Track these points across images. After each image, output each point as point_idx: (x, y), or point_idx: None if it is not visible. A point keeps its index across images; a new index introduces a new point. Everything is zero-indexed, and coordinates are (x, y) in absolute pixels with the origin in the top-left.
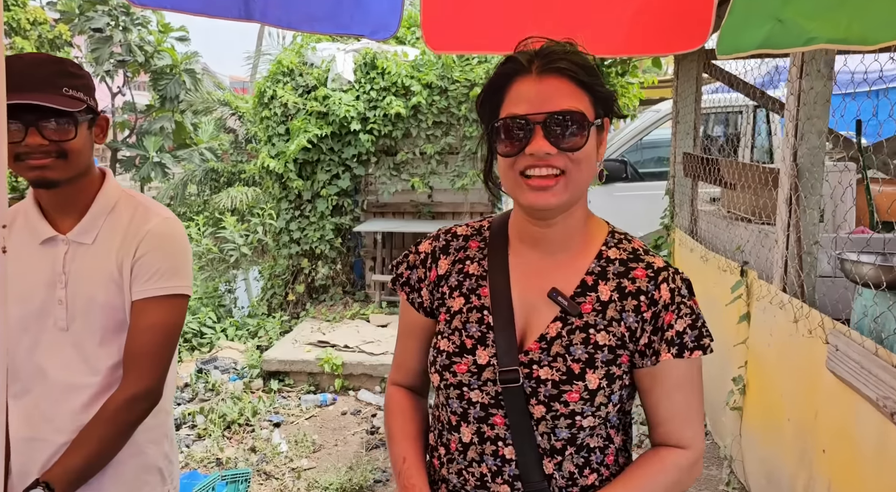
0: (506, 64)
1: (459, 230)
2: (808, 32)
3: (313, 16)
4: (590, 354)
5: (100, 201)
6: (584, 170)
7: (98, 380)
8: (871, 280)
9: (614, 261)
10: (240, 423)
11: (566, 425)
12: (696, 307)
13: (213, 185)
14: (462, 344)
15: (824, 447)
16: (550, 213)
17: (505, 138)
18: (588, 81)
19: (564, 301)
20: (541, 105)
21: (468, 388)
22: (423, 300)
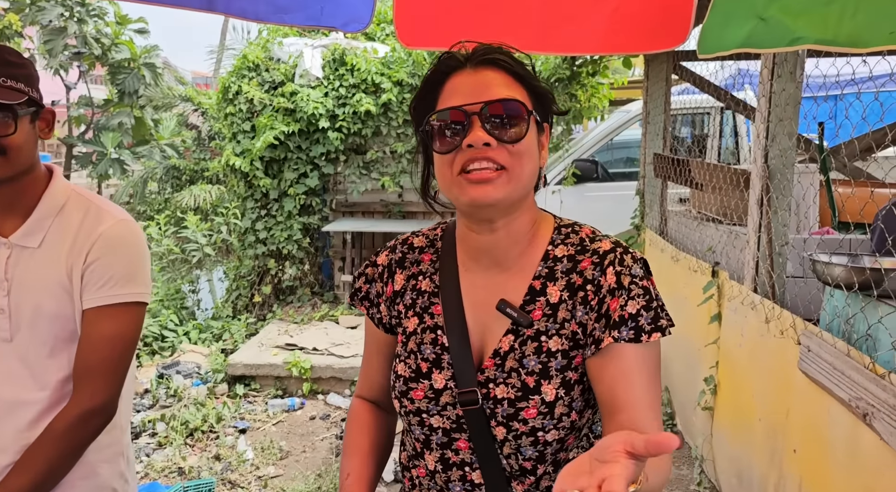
0: (441, 61)
1: (416, 242)
2: (793, 32)
3: (282, 7)
4: (543, 364)
5: (46, 202)
6: (525, 165)
7: (46, 395)
8: (842, 281)
9: (562, 259)
10: (203, 430)
11: (530, 443)
12: (652, 287)
13: (174, 183)
14: (418, 368)
15: (795, 447)
16: (492, 211)
17: (441, 134)
18: (524, 74)
19: (513, 312)
20: (477, 95)
21: (427, 414)
22: (383, 316)
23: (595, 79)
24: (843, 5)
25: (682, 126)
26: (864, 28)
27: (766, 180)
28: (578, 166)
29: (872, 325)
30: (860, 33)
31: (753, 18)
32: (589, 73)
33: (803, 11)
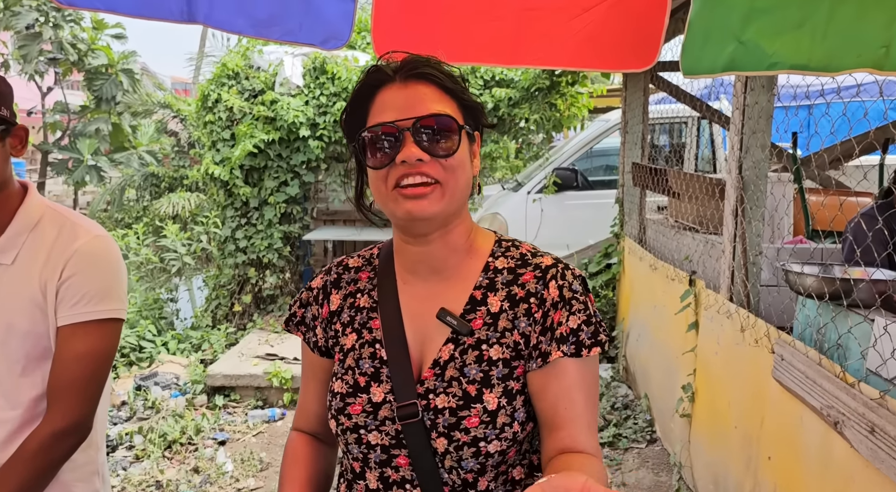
0: (369, 74)
1: (351, 262)
2: (770, 57)
3: (260, 21)
4: (485, 373)
5: (20, 218)
6: (458, 178)
7: (18, 414)
8: (814, 291)
9: (502, 270)
10: (182, 442)
11: (471, 454)
12: (591, 304)
13: (153, 190)
14: (355, 383)
15: (770, 454)
16: (428, 224)
17: (374, 150)
18: (454, 88)
19: (453, 321)
20: (408, 111)
21: (365, 430)
22: (318, 339)
23: (574, 88)
24: (812, 28)
25: (660, 135)
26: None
27: (741, 191)
28: (559, 175)
29: (843, 334)
30: (831, 58)
31: (732, 41)
32: (568, 82)
33: (777, 34)
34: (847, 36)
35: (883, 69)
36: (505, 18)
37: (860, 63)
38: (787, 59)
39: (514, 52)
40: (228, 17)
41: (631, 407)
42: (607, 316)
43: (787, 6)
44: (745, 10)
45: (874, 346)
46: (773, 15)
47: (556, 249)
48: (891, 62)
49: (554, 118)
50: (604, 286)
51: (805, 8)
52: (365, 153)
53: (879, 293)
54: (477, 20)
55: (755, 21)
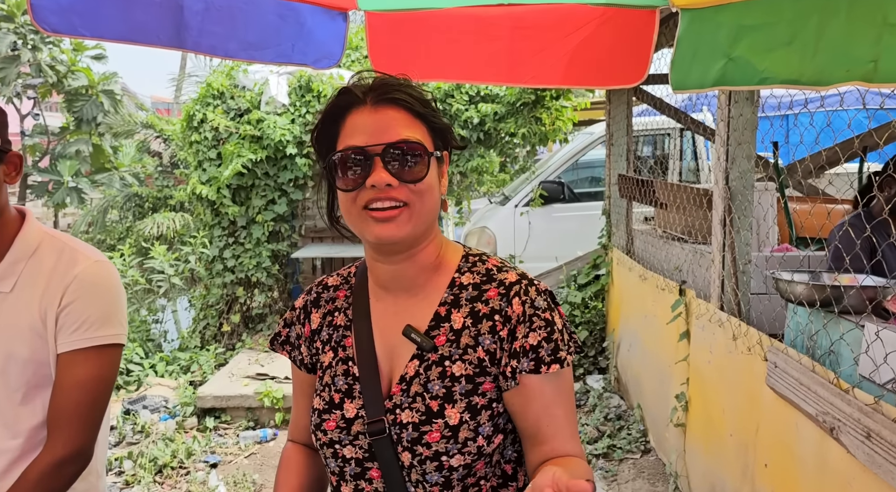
0: (340, 96)
1: (330, 281)
2: (760, 72)
3: (252, 44)
4: (447, 388)
5: (18, 245)
6: (426, 201)
7: (19, 443)
8: (804, 299)
9: (467, 286)
10: (173, 466)
11: (434, 468)
12: (554, 319)
13: (136, 211)
14: (331, 399)
15: (766, 462)
16: (397, 246)
17: (344, 173)
18: (424, 112)
19: (417, 337)
20: (378, 136)
21: (340, 444)
22: (303, 357)
23: (559, 102)
24: (803, 46)
25: (644, 146)
26: (824, 68)
27: (728, 201)
28: (545, 188)
29: (835, 341)
30: (821, 73)
31: (722, 57)
32: (553, 96)
33: (768, 51)
34: (837, 52)
35: (872, 82)
36: (499, 37)
37: (849, 77)
38: (779, 75)
39: (508, 71)
40: (218, 42)
41: (624, 418)
42: (597, 327)
43: (776, 24)
44: (734, 27)
45: (866, 352)
46: (762, 32)
47: (544, 261)
48: (879, 75)
49: (539, 132)
50: (593, 297)
51: (794, 25)
52: (335, 175)
53: (869, 299)
54: (471, 39)
55: (745, 38)
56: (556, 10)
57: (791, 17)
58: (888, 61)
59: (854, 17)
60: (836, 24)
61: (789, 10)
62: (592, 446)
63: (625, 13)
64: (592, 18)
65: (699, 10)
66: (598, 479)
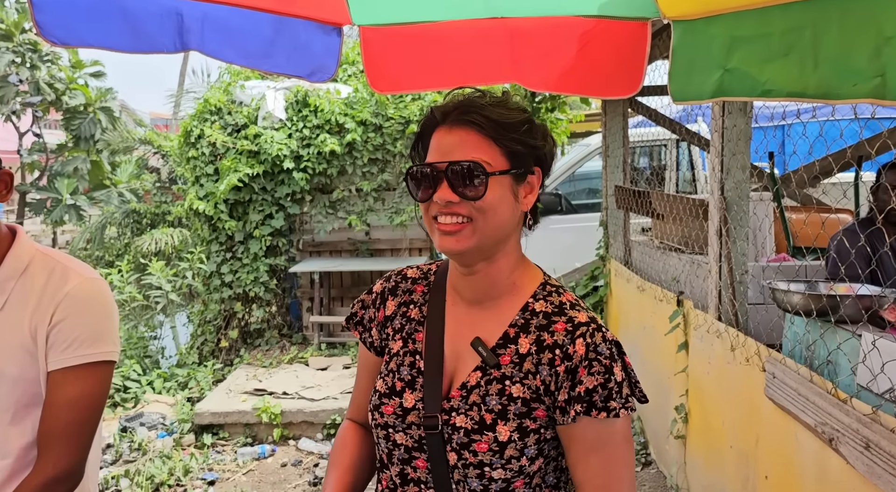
0: (426, 118)
1: (410, 273)
2: (762, 83)
3: (250, 53)
4: (503, 406)
5: (9, 263)
6: (490, 218)
7: (8, 463)
8: (801, 309)
9: (539, 314)
10: (170, 484)
11: (476, 474)
12: (617, 369)
13: (134, 227)
14: (393, 385)
15: (767, 473)
16: (463, 258)
17: (417, 185)
18: (498, 135)
19: (484, 352)
20: (446, 154)
21: (393, 429)
22: (374, 339)
23: (553, 114)
24: (801, 57)
25: (640, 157)
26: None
27: (724, 212)
28: (542, 199)
29: (832, 351)
30: (827, 86)
31: (718, 69)
32: (548, 109)
33: (765, 62)
34: (838, 64)
35: (884, 99)
36: (497, 43)
37: (858, 93)
38: (783, 87)
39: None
40: (219, 47)
41: None
42: None
43: (768, 35)
44: (726, 39)
45: (864, 361)
46: (755, 44)
47: None
48: (890, 92)
49: None
50: (591, 309)
51: (787, 37)
52: (414, 186)
53: (865, 309)
54: (468, 47)
55: (738, 50)
56: (551, 22)
57: (783, 28)
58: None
59: (847, 30)
60: (831, 36)
61: (779, 21)
62: None
63: (618, 25)
64: (586, 29)
65: (691, 21)
66: None
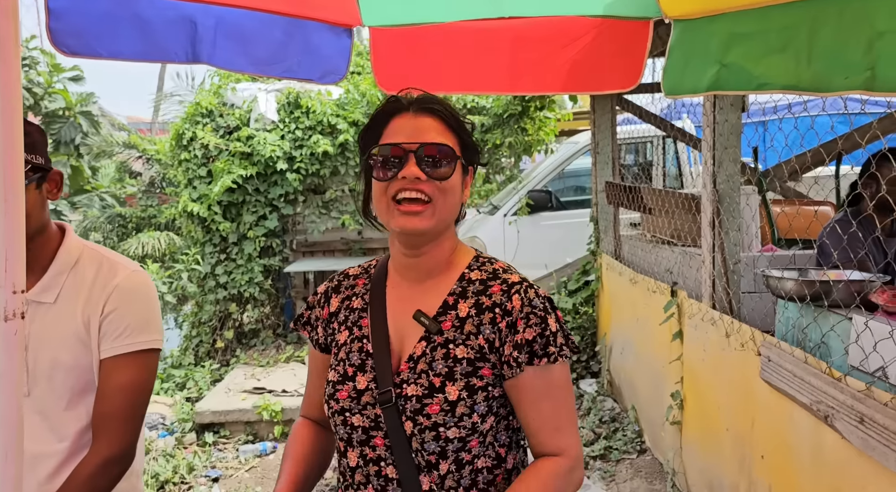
0: (387, 103)
1: (351, 271)
2: (757, 78)
3: (261, 60)
4: (450, 368)
5: (61, 258)
6: (449, 200)
7: (66, 446)
8: (795, 294)
9: (475, 281)
10: (175, 481)
11: (432, 437)
12: (551, 320)
13: (119, 231)
14: (345, 372)
15: (762, 453)
16: (419, 239)
17: (382, 165)
18: (457, 127)
19: (426, 321)
20: (415, 136)
21: (350, 413)
22: (319, 337)
23: (542, 113)
24: (796, 52)
25: (627, 154)
26: (822, 74)
27: (717, 204)
28: (532, 197)
29: (826, 333)
30: (819, 80)
31: (715, 64)
32: (537, 107)
33: (761, 57)
34: (831, 59)
35: (873, 91)
36: (499, 50)
37: (849, 85)
38: (777, 81)
39: (509, 81)
40: (230, 56)
41: (618, 420)
42: (588, 332)
43: (766, 32)
44: (726, 36)
45: (857, 341)
46: (754, 40)
47: (534, 268)
48: (879, 84)
49: (524, 142)
50: (584, 303)
51: (784, 33)
52: (374, 167)
53: (857, 292)
54: (472, 52)
55: (737, 46)
56: (555, 21)
57: (781, 25)
58: (885, 69)
59: (844, 26)
60: (827, 32)
61: (779, 19)
62: (589, 448)
63: (620, 23)
64: (590, 29)
65: (691, 20)
66: (596, 479)
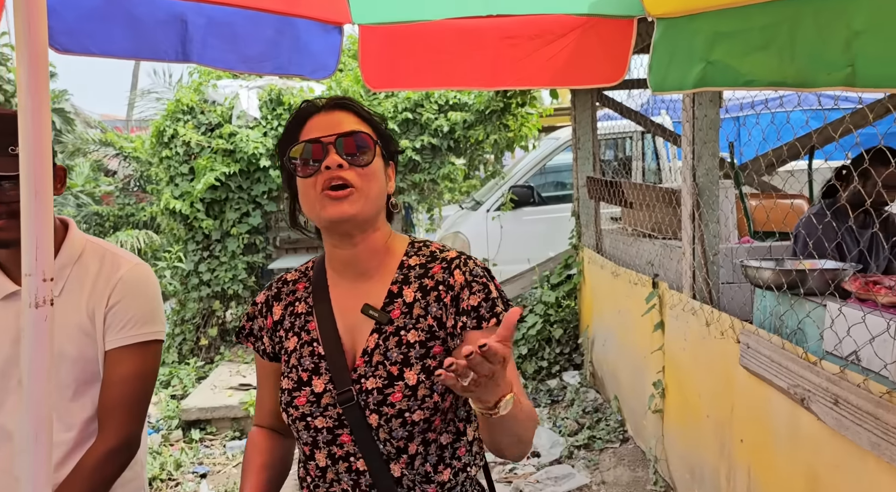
0: (300, 108)
1: (289, 277)
2: (743, 75)
3: (251, 57)
4: (404, 354)
5: (65, 252)
6: (373, 185)
7: (72, 436)
8: (772, 283)
9: (415, 266)
10: (162, 478)
11: (399, 424)
12: (492, 286)
13: (97, 230)
14: (299, 378)
15: (742, 437)
16: (350, 225)
17: (303, 162)
18: (369, 118)
19: (375, 313)
20: (331, 129)
21: (311, 417)
22: (266, 347)
23: (524, 109)
24: (779, 50)
25: (607, 150)
26: (806, 71)
27: (697, 197)
28: (515, 192)
29: (802, 319)
30: (804, 76)
31: (700, 61)
32: (518, 104)
33: (745, 55)
34: (813, 56)
35: (854, 87)
36: (485, 47)
37: (832, 81)
38: (764, 77)
39: (493, 76)
40: (220, 55)
41: (601, 410)
42: (571, 325)
43: (749, 30)
44: (710, 34)
45: (831, 327)
46: (737, 38)
47: (517, 263)
48: (860, 80)
49: (507, 138)
50: (566, 296)
51: (766, 32)
52: (296, 167)
53: (831, 280)
54: (459, 49)
55: (721, 44)
56: (541, 20)
57: (762, 24)
58: (863, 66)
59: (820, 25)
60: (805, 30)
61: (759, 18)
62: (573, 438)
63: (604, 21)
64: (576, 26)
65: (674, 19)
66: (581, 468)
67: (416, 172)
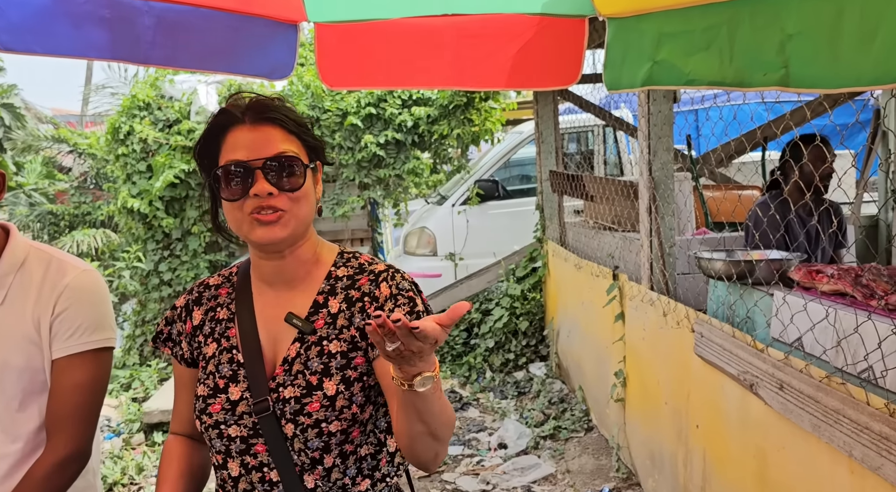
0: (219, 116)
1: (211, 281)
2: (686, 75)
3: (205, 57)
4: (325, 364)
5: (6, 259)
6: (303, 207)
7: (19, 447)
8: (723, 274)
9: (342, 278)
10: (123, 483)
11: (315, 434)
12: (419, 300)
13: (51, 229)
14: (215, 385)
15: (698, 423)
16: (278, 246)
17: (228, 184)
18: (297, 130)
19: (298, 322)
20: (258, 151)
21: (225, 425)
22: (184, 352)
23: (487, 104)
24: (719, 51)
25: (569, 143)
26: (743, 71)
27: (653, 190)
28: (480, 186)
29: (750, 308)
30: (742, 75)
31: (648, 61)
32: (482, 98)
33: (688, 55)
34: (750, 57)
35: (788, 87)
36: (444, 46)
37: (767, 82)
38: (704, 76)
39: (452, 76)
40: (171, 53)
41: (567, 400)
42: (536, 317)
43: (691, 32)
44: (656, 35)
45: (777, 315)
46: (680, 39)
47: (483, 256)
48: (793, 81)
49: (471, 133)
50: (531, 289)
51: (707, 33)
52: (220, 186)
53: (777, 270)
54: (417, 48)
55: (665, 44)
56: (497, 19)
57: (703, 26)
58: (797, 68)
59: (756, 27)
60: (743, 32)
61: (700, 20)
62: (539, 429)
63: (558, 21)
64: (531, 26)
65: (623, 19)
66: (546, 458)
67: (381, 167)
